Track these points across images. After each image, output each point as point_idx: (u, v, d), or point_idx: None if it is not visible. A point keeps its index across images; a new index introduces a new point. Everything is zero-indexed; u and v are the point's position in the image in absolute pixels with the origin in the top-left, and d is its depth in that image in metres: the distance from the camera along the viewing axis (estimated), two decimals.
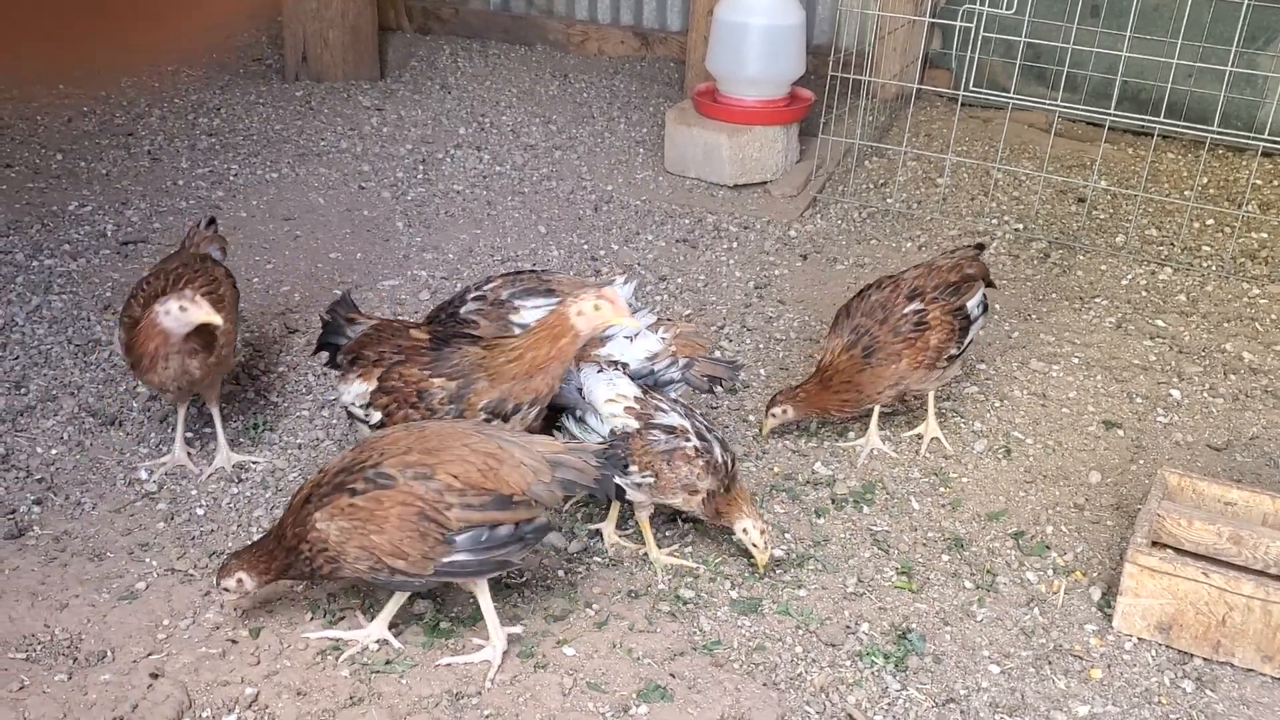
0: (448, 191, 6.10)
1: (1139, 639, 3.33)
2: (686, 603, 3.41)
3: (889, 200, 6.08)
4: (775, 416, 4.02)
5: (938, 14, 6.87)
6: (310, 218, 5.75)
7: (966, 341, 4.07)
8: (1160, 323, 5.05)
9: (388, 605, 3.20)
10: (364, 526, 2.96)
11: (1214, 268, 5.52)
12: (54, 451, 3.96)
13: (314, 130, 6.74)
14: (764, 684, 3.13)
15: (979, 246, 4.38)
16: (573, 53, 8.15)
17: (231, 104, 7.05)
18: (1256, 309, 5.20)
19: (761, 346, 4.79)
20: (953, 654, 3.27)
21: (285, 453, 4.01)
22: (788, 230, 5.79)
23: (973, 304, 4.10)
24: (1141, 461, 4.14)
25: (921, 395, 4.19)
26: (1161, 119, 5.63)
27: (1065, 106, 6.01)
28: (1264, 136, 5.48)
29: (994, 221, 5.92)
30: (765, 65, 6.06)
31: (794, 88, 6.30)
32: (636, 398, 3.45)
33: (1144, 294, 5.30)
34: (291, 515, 3.07)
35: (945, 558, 3.66)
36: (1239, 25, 5.48)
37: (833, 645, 3.28)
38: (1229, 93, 5.50)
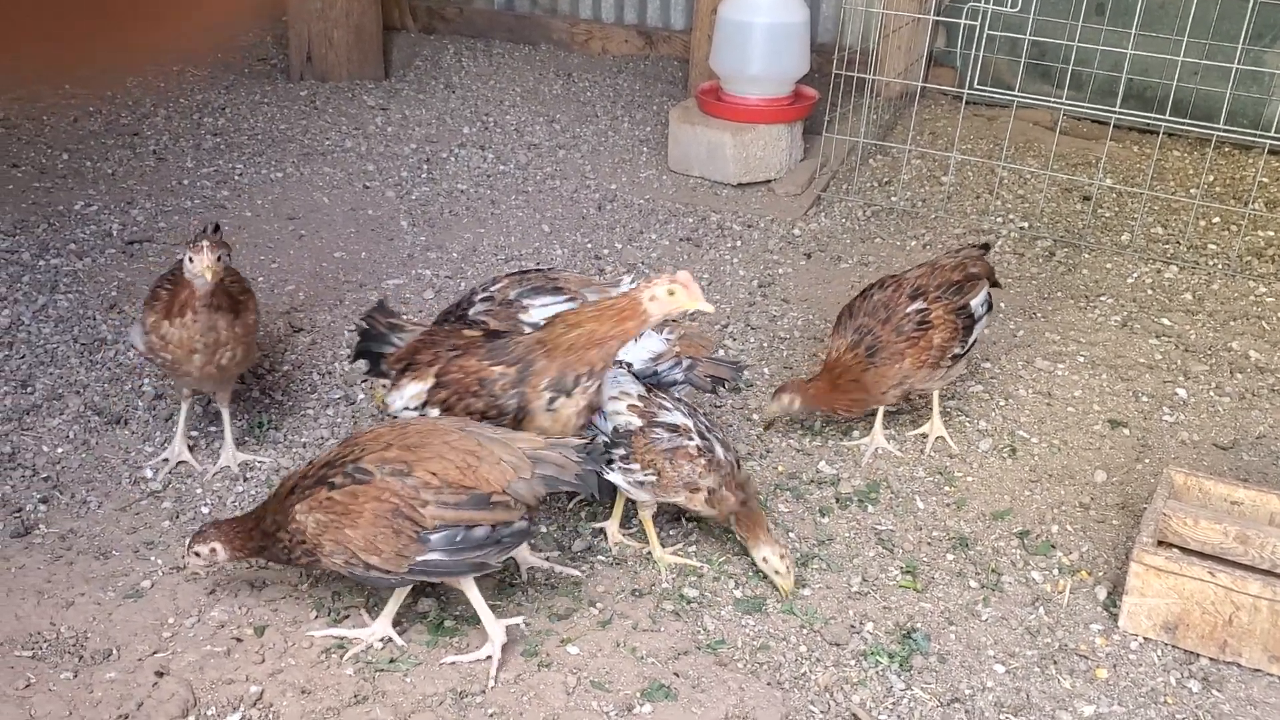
0: (452, 191, 6.10)
1: (1145, 639, 3.32)
2: (690, 602, 3.41)
3: (893, 198, 6.07)
4: (780, 404, 4.00)
5: (942, 12, 6.86)
6: (315, 217, 5.76)
7: (971, 341, 4.06)
8: (1166, 321, 5.04)
9: (390, 603, 3.20)
10: (339, 520, 2.99)
11: (1220, 266, 5.50)
12: (60, 450, 3.97)
13: (319, 130, 6.75)
14: (768, 683, 3.12)
15: (984, 246, 4.37)
16: (576, 52, 8.15)
17: (236, 104, 7.06)
18: (1263, 307, 5.18)
19: (765, 345, 4.79)
20: (958, 653, 3.27)
21: (290, 451, 4.01)
22: (792, 229, 5.79)
23: (976, 303, 4.08)
24: (1147, 460, 4.13)
25: (926, 394, 4.18)
26: (1167, 117, 5.61)
27: (1070, 104, 6.00)
28: (1270, 134, 5.46)
29: (999, 220, 5.91)
30: (769, 63, 6.06)
31: (798, 86, 6.29)
32: (640, 396, 3.45)
33: (1150, 292, 5.29)
34: (275, 503, 3.12)
35: (950, 557, 3.65)
36: (1245, 22, 5.47)
37: (837, 644, 3.27)
38: (1235, 90, 5.49)
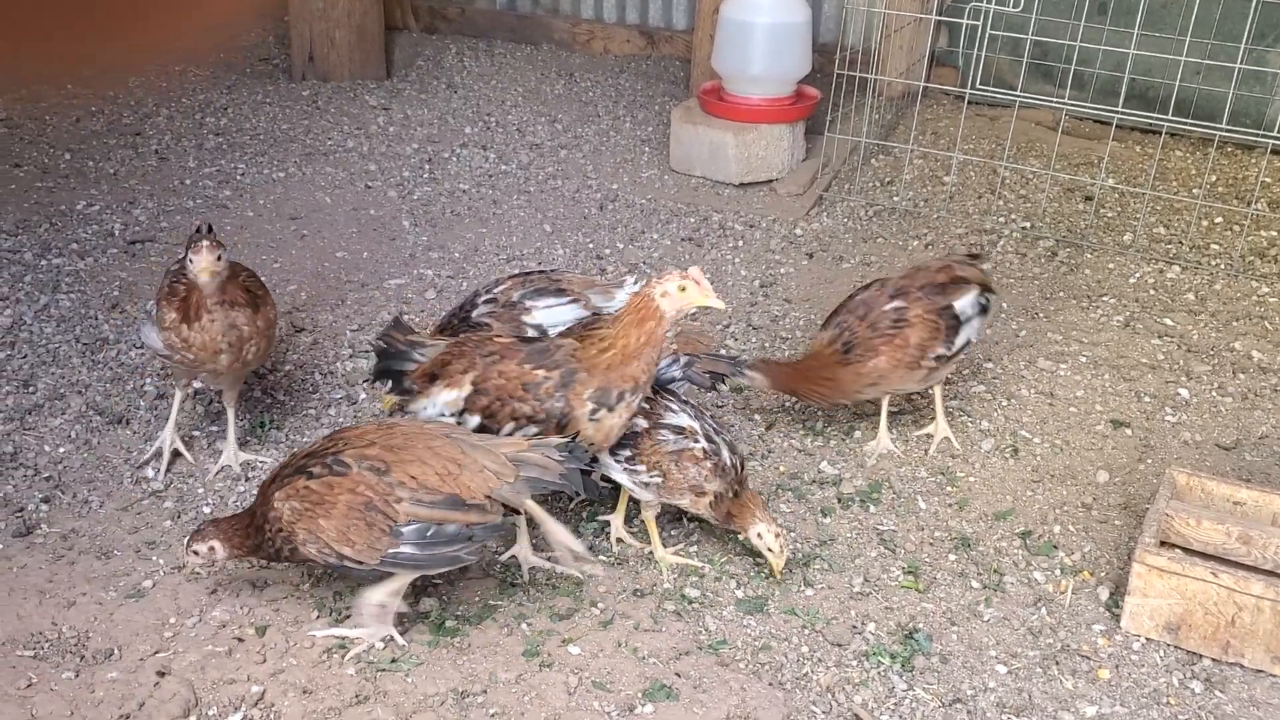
0: (454, 190, 6.10)
1: (1147, 639, 3.32)
2: (692, 602, 3.41)
3: (895, 198, 6.06)
4: (747, 379, 4.00)
5: (944, 12, 6.85)
6: (317, 217, 5.76)
7: (960, 343, 4.00)
8: (1168, 321, 5.03)
9: (390, 602, 3.20)
10: (314, 510, 3.02)
11: (1223, 266, 5.50)
12: (62, 450, 3.97)
13: (320, 130, 6.75)
14: (770, 684, 3.12)
15: (973, 256, 4.33)
16: (578, 52, 8.15)
17: (238, 104, 7.06)
18: (1266, 307, 5.17)
19: (767, 345, 4.78)
20: (959, 654, 3.26)
21: (291, 451, 4.01)
22: (793, 229, 5.79)
23: (963, 303, 4.01)
24: (1150, 461, 4.12)
25: (928, 395, 4.17)
26: (1170, 117, 5.60)
27: (1072, 104, 6.00)
28: (1273, 134, 5.46)
29: (1001, 220, 5.90)
30: (771, 63, 6.05)
31: (800, 86, 6.29)
32: (646, 397, 3.44)
33: (1152, 292, 5.28)
34: (261, 494, 3.15)
35: (952, 557, 3.65)
36: (1248, 22, 5.46)
37: (839, 645, 3.27)
38: (1238, 90, 5.48)
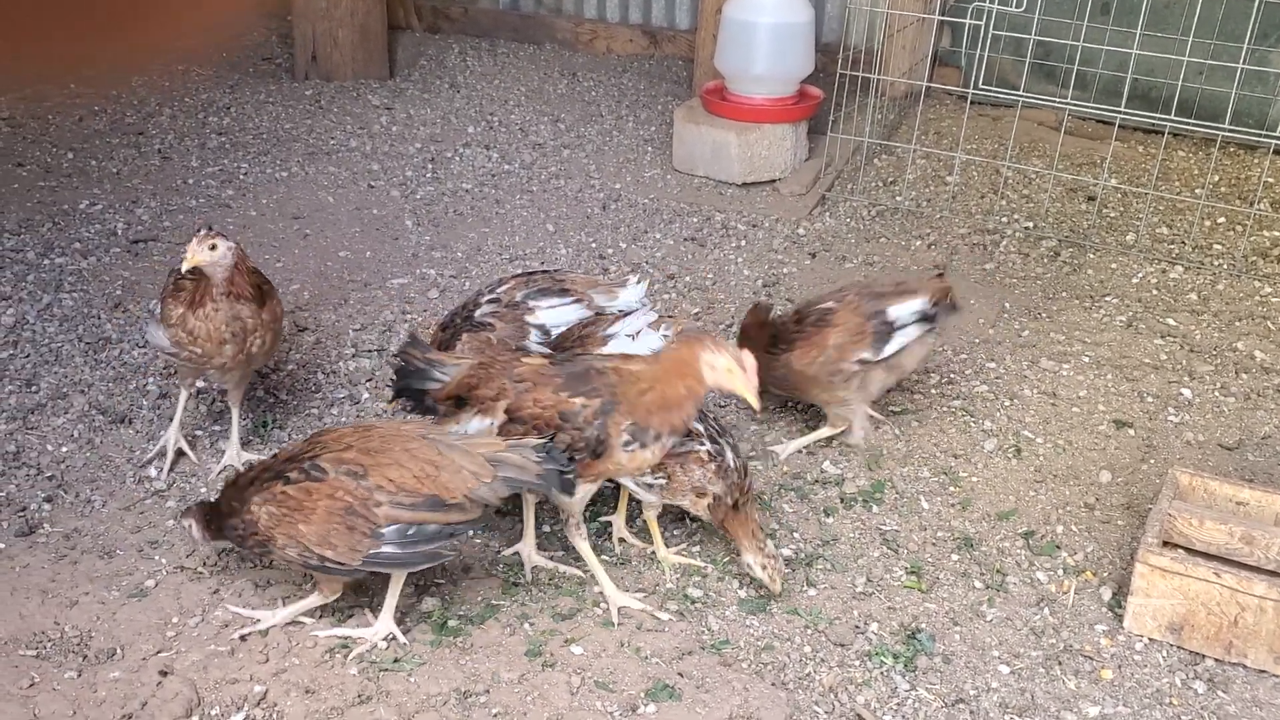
0: (456, 190, 6.10)
1: (1150, 639, 3.31)
2: (695, 602, 3.41)
3: (898, 198, 6.06)
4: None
5: (947, 11, 6.84)
6: (319, 216, 5.76)
7: (890, 349, 3.91)
8: (1171, 321, 5.03)
9: (388, 600, 3.20)
10: (292, 515, 3.03)
11: (1225, 266, 5.49)
12: (64, 449, 3.97)
13: (323, 129, 6.75)
14: (772, 683, 3.12)
15: (939, 274, 4.25)
16: (581, 51, 8.15)
17: (241, 103, 7.06)
18: (1268, 307, 5.17)
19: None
20: (962, 654, 3.26)
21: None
22: (796, 228, 5.78)
23: (898, 310, 3.92)
24: (1152, 461, 4.12)
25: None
26: (1172, 117, 5.60)
27: (1075, 104, 5.99)
28: (1276, 134, 5.45)
29: (1004, 220, 5.90)
30: (774, 63, 6.05)
31: (803, 85, 6.29)
32: None
33: (1155, 292, 5.28)
34: (235, 489, 3.18)
35: (955, 557, 3.64)
36: (1251, 22, 5.45)
37: (841, 645, 3.27)
38: (1240, 90, 5.48)
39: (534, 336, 3.79)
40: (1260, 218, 5.85)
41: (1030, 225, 5.85)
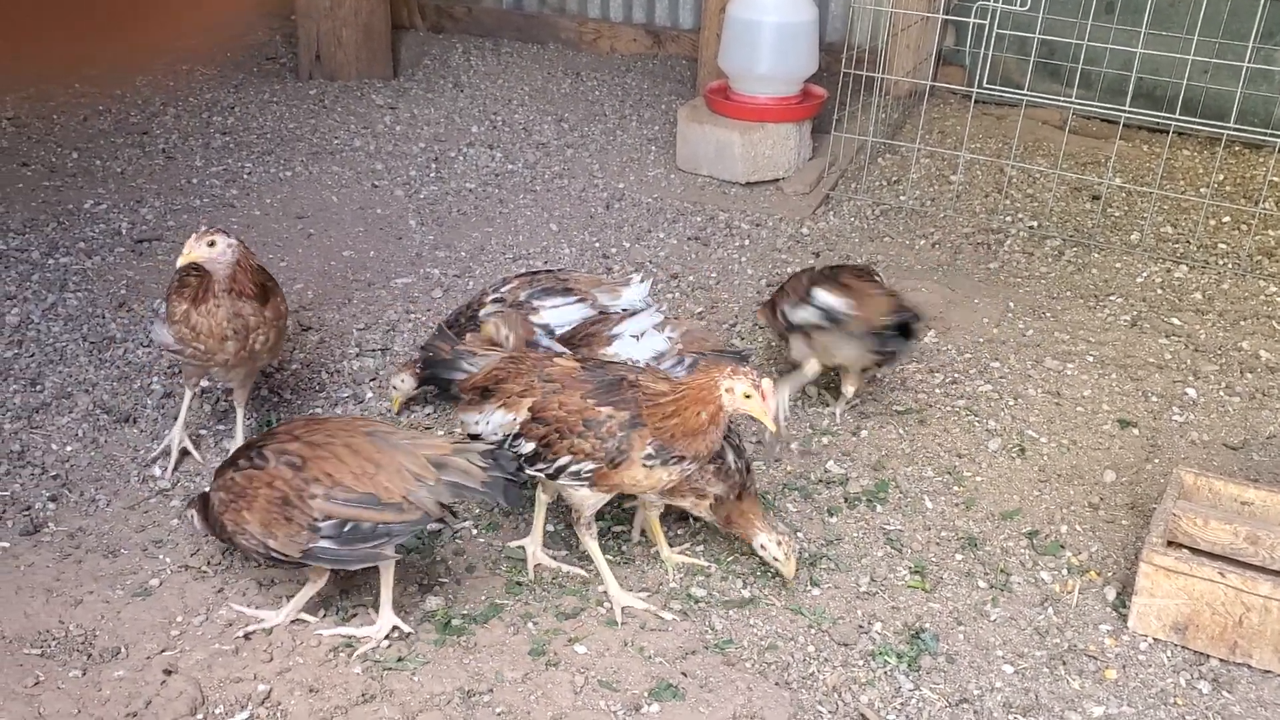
0: (460, 190, 6.11)
1: (1154, 639, 3.31)
2: (698, 601, 3.41)
3: (902, 197, 6.05)
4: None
5: (951, 10, 6.83)
6: (323, 216, 5.77)
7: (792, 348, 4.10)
8: (1176, 321, 5.02)
9: (383, 594, 3.19)
10: (237, 502, 3.08)
11: (1230, 265, 5.48)
12: (69, 448, 3.98)
13: (327, 129, 6.76)
14: (776, 683, 3.12)
15: (868, 270, 4.30)
16: (585, 51, 8.15)
17: (245, 102, 7.07)
18: (1273, 307, 5.16)
19: (774, 344, 4.78)
20: (966, 654, 3.26)
21: None
22: (800, 228, 5.78)
23: (795, 309, 3.96)
24: (1157, 460, 4.11)
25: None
26: (1177, 115, 5.59)
27: (1080, 103, 5.98)
28: None
29: (1008, 219, 5.89)
30: (778, 62, 6.05)
31: (806, 85, 6.28)
32: None
33: (1159, 292, 5.27)
34: (215, 476, 3.25)
35: (959, 557, 3.64)
36: (1256, 21, 5.44)
37: (845, 645, 3.27)
38: (1245, 89, 5.46)
39: (538, 336, 3.80)
40: (1265, 217, 5.84)
41: (1035, 224, 5.84)
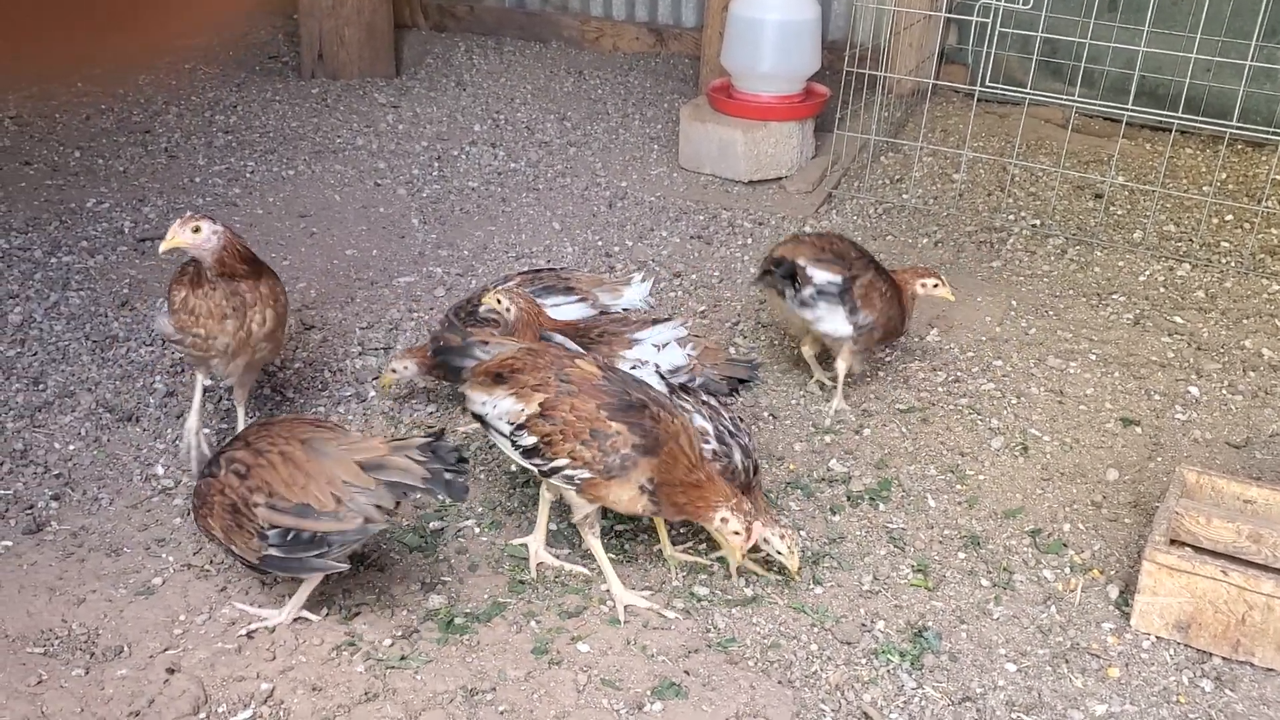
0: (463, 188, 6.11)
1: (1157, 637, 3.31)
2: (701, 600, 3.41)
3: (905, 196, 6.05)
4: None
5: (954, 9, 6.83)
6: (326, 215, 5.77)
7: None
8: (1179, 319, 5.02)
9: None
10: (202, 508, 3.16)
11: (1233, 264, 5.48)
12: (71, 447, 3.98)
13: (330, 128, 6.76)
14: (779, 681, 3.12)
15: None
16: (587, 49, 8.15)
17: (248, 101, 7.07)
18: (1276, 305, 5.15)
19: (776, 343, 4.78)
20: (969, 652, 3.26)
21: None
22: (803, 226, 5.78)
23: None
24: (1160, 459, 4.11)
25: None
26: (1180, 114, 5.59)
27: (1082, 102, 5.98)
28: None
29: (1010, 217, 5.89)
30: (780, 61, 6.05)
31: (809, 83, 6.28)
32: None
33: (1162, 290, 5.27)
34: None
35: (962, 555, 3.64)
36: (1259, 19, 5.43)
37: (848, 643, 3.27)
38: (1248, 87, 5.46)
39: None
40: (1268, 215, 5.83)
41: (1037, 223, 5.84)
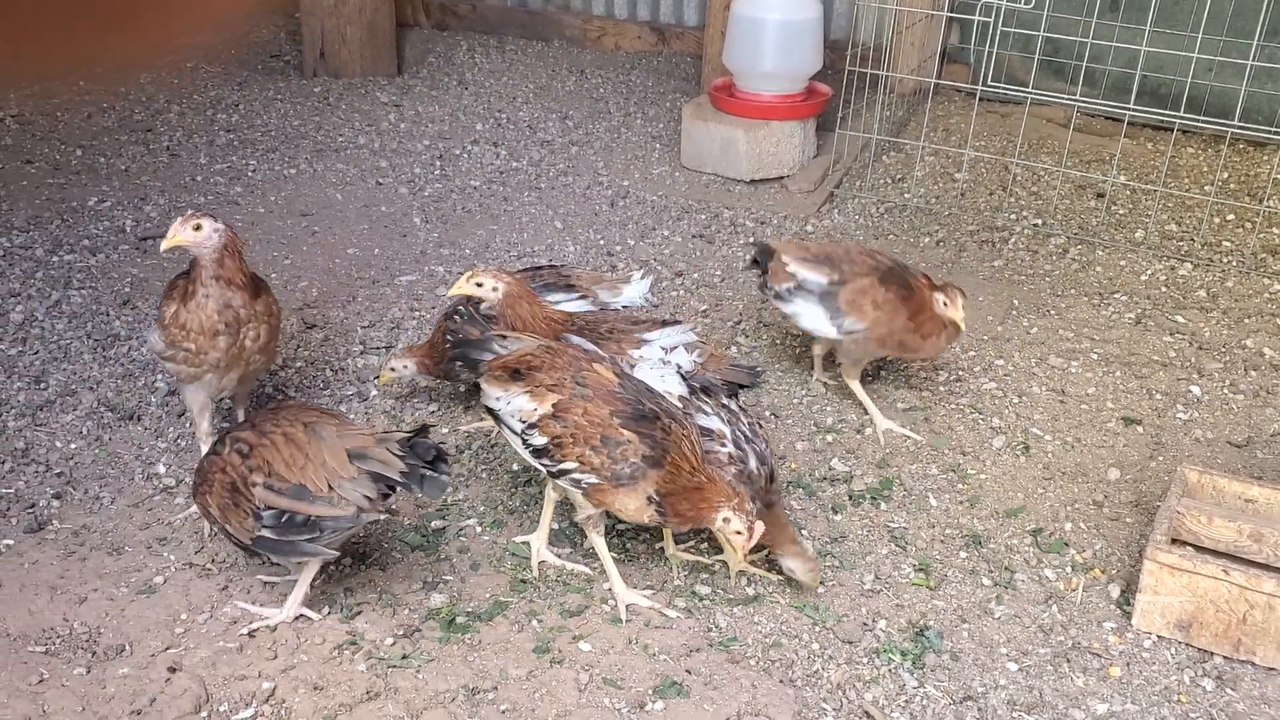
0: (464, 187, 6.11)
1: (1158, 637, 3.31)
2: (703, 599, 3.41)
3: (907, 195, 6.05)
4: None
5: (955, 8, 6.83)
6: (328, 214, 5.77)
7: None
8: (1180, 318, 5.01)
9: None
10: (202, 486, 3.18)
11: (1234, 263, 5.47)
12: (73, 446, 3.99)
13: (332, 126, 6.76)
14: (780, 681, 3.12)
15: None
16: (589, 48, 8.15)
17: (250, 100, 7.08)
18: (1278, 304, 5.15)
19: (778, 342, 4.78)
20: (970, 651, 3.26)
21: None
22: (805, 225, 5.78)
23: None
24: (1161, 458, 4.11)
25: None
26: (1182, 113, 5.58)
27: (1084, 101, 5.97)
28: None
29: (1012, 217, 5.89)
30: (782, 60, 6.04)
31: (811, 82, 6.28)
32: (680, 397, 3.42)
33: (1164, 289, 5.26)
34: None
35: (963, 554, 3.64)
36: (1261, 18, 5.42)
37: (850, 642, 3.27)
38: (1250, 87, 5.45)
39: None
40: (1270, 214, 5.83)
41: (1039, 222, 5.84)
